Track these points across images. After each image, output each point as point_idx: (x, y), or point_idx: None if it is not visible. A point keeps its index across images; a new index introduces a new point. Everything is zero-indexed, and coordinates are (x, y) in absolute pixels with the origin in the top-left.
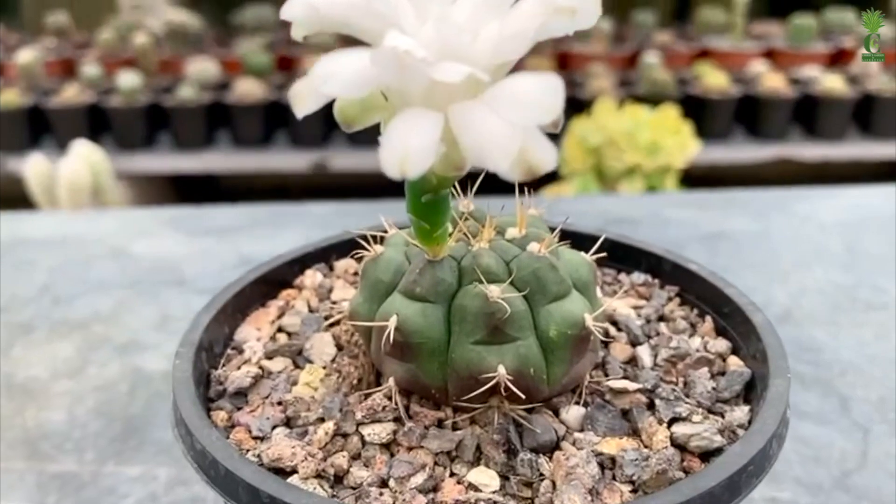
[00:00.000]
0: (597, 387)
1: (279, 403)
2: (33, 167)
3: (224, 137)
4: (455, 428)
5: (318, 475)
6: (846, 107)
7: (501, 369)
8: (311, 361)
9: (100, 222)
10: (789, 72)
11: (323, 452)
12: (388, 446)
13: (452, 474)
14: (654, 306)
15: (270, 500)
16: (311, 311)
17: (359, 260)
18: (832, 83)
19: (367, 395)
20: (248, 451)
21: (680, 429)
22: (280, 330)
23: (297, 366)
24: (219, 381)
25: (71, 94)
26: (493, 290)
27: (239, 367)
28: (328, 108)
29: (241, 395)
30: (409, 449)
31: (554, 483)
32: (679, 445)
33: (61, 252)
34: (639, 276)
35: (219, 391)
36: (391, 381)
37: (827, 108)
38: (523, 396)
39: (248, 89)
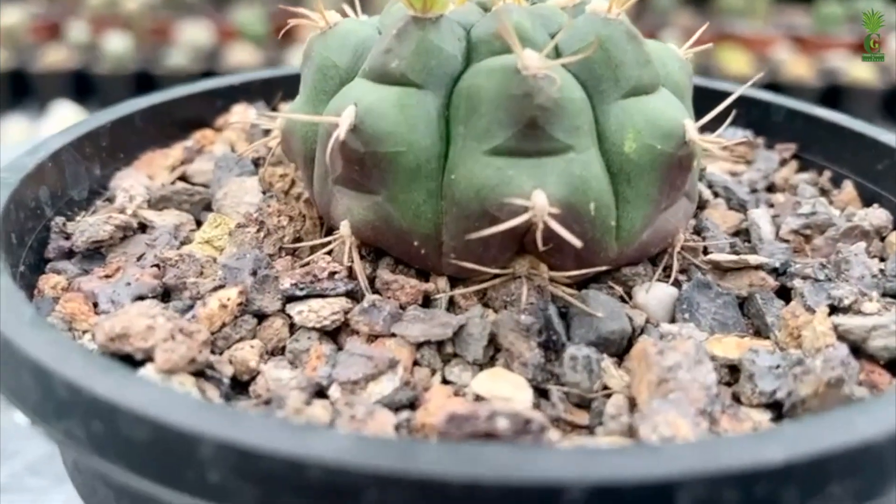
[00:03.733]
0: (693, 259)
1: (156, 266)
2: (12, 130)
3: None
4: (454, 310)
5: (198, 373)
6: (874, 97)
7: (539, 197)
8: (223, 216)
9: None
10: (814, 59)
11: (215, 339)
12: (335, 334)
13: (445, 381)
14: (762, 171)
15: (73, 396)
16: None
17: None
18: (860, 72)
19: (299, 255)
20: (83, 332)
21: (847, 321)
22: (183, 179)
23: (200, 224)
24: (63, 232)
25: (56, 58)
26: (531, 57)
27: (102, 215)
28: None
29: (97, 254)
30: (371, 338)
31: (632, 400)
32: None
33: None
34: (734, 133)
35: (61, 249)
36: (344, 228)
37: (854, 97)
38: (575, 256)
39: (242, 58)
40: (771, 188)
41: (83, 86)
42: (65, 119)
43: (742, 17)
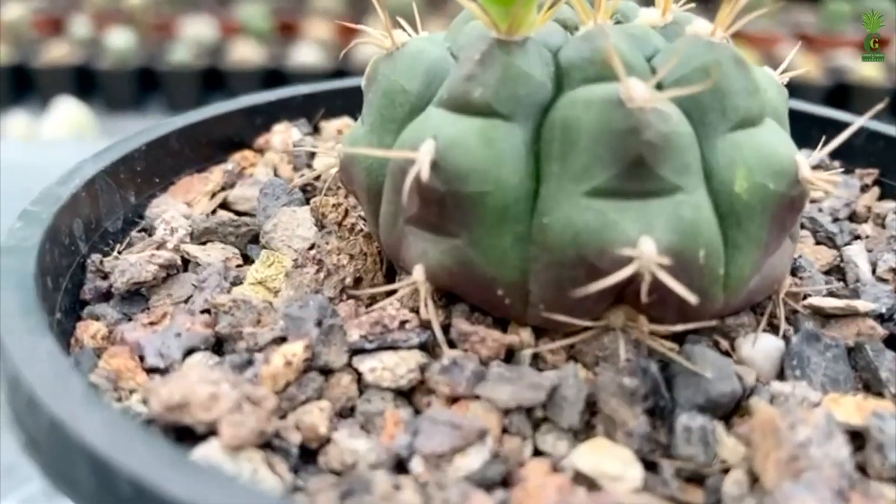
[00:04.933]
0: (794, 305)
1: (206, 312)
2: (14, 126)
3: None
4: (539, 365)
5: (266, 444)
6: (881, 97)
7: (647, 245)
8: (272, 250)
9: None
10: (822, 57)
11: (279, 400)
12: (410, 394)
13: (537, 452)
14: (842, 198)
15: (136, 494)
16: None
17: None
18: (867, 71)
19: (370, 301)
20: (130, 392)
21: None
22: (224, 206)
23: (248, 259)
24: (100, 271)
25: (58, 54)
26: (637, 87)
27: (142, 253)
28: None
29: (139, 297)
30: (452, 400)
31: (753, 476)
32: None
33: None
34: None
35: (99, 290)
36: (418, 273)
37: (861, 96)
38: (678, 308)
39: (245, 54)
40: (853, 217)
41: (86, 81)
42: (67, 116)
43: (748, 13)
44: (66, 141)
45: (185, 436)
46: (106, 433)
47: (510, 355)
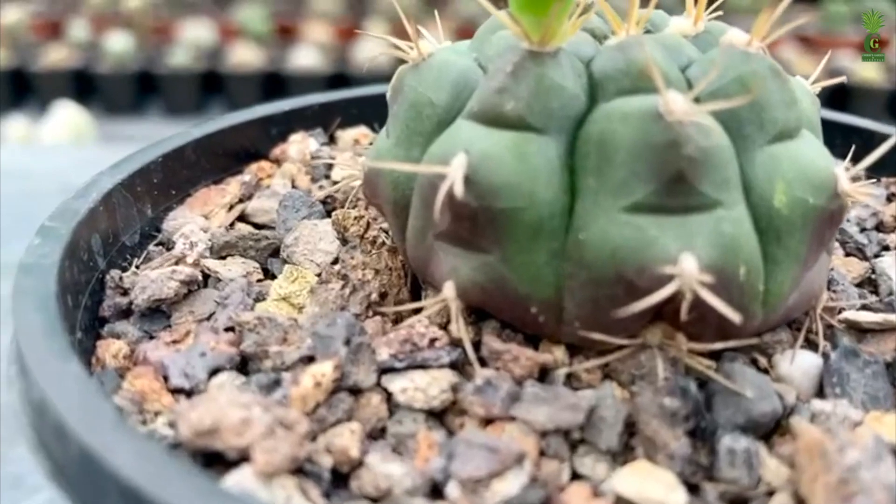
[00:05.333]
0: (830, 320)
1: (229, 329)
2: (13, 130)
3: (217, 106)
4: (573, 384)
5: (298, 469)
6: (880, 98)
7: (688, 262)
8: (293, 264)
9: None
10: (821, 58)
11: (310, 423)
12: (442, 415)
13: (577, 476)
14: (869, 207)
15: None
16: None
17: (375, 129)
18: (867, 72)
19: (396, 317)
20: (156, 414)
21: None
22: (242, 219)
23: (268, 273)
24: (120, 287)
25: (57, 58)
26: (676, 100)
27: (162, 268)
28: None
29: (160, 313)
30: (486, 422)
31: (799, 499)
32: None
33: None
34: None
35: (118, 307)
36: (448, 290)
37: (860, 97)
38: (717, 325)
39: (244, 57)
40: (880, 227)
41: (84, 85)
42: (66, 119)
43: (747, 15)
44: (66, 145)
45: (214, 461)
46: (138, 464)
47: (543, 374)
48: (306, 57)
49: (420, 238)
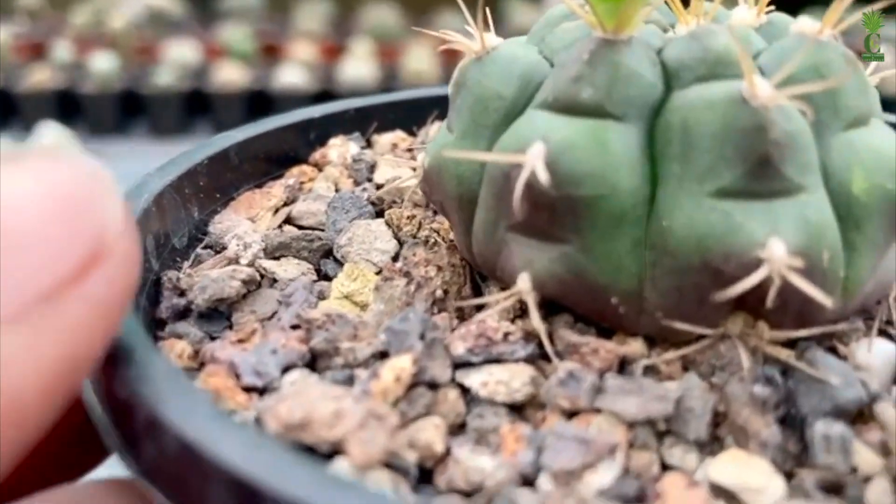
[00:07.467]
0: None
1: (296, 327)
2: None
3: (203, 126)
4: (647, 374)
5: (388, 463)
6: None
7: (777, 247)
8: (352, 263)
9: None
10: None
11: (398, 415)
12: (521, 409)
13: (667, 467)
14: None
15: None
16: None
17: (413, 133)
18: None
19: (459, 312)
20: (231, 412)
21: None
22: (288, 221)
23: (321, 274)
24: (177, 288)
25: (41, 78)
26: (762, 86)
27: (225, 268)
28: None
29: (218, 314)
30: (569, 415)
31: None
32: None
33: None
34: None
35: (176, 308)
36: (523, 282)
37: None
38: (797, 313)
39: (230, 76)
40: None
41: (69, 106)
42: (51, 141)
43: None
44: None
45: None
46: (245, 452)
47: (621, 367)
48: (292, 75)
49: (490, 231)
